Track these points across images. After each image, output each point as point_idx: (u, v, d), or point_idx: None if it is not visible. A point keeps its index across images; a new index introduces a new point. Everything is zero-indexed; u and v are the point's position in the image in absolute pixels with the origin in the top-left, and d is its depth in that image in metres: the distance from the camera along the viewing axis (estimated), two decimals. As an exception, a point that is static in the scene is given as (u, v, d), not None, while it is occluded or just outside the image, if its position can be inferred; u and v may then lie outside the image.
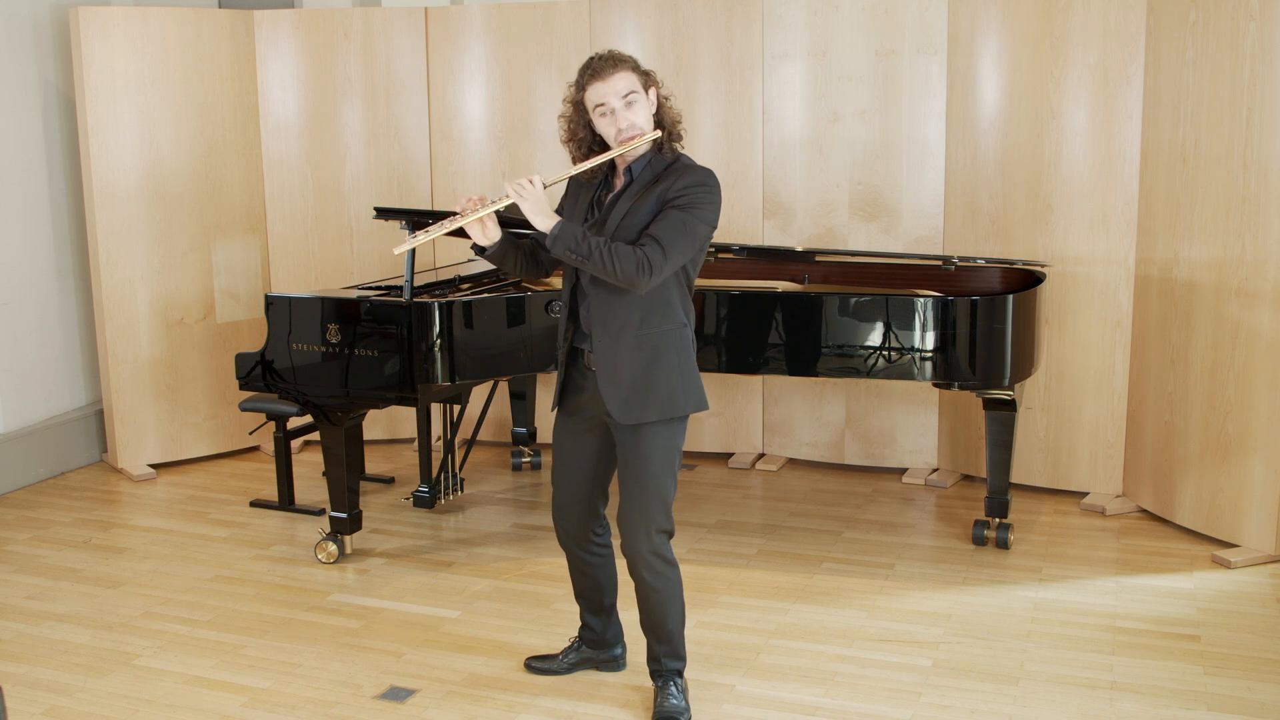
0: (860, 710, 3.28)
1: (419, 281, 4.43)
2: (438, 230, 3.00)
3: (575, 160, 3.08)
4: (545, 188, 2.94)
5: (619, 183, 3.06)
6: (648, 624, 3.23)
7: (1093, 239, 4.77)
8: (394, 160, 5.77)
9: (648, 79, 3.00)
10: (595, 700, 3.35)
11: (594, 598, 3.41)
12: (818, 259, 4.79)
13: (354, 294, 4.33)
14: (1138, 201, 4.68)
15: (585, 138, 3.04)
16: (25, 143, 5.38)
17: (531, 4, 5.54)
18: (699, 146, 5.37)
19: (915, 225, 5.17)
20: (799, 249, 4.77)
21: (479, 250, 3.10)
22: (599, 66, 2.94)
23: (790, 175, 5.33)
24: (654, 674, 3.27)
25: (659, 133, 2.98)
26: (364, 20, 5.65)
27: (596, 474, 3.23)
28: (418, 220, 4.30)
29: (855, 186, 5.24)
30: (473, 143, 5.71)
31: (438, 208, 5.76)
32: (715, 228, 3.01)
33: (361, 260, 5.80)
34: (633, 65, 2.98)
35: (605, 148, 3.02)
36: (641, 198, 2.97)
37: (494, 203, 2.98)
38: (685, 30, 5.33)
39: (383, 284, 4.61)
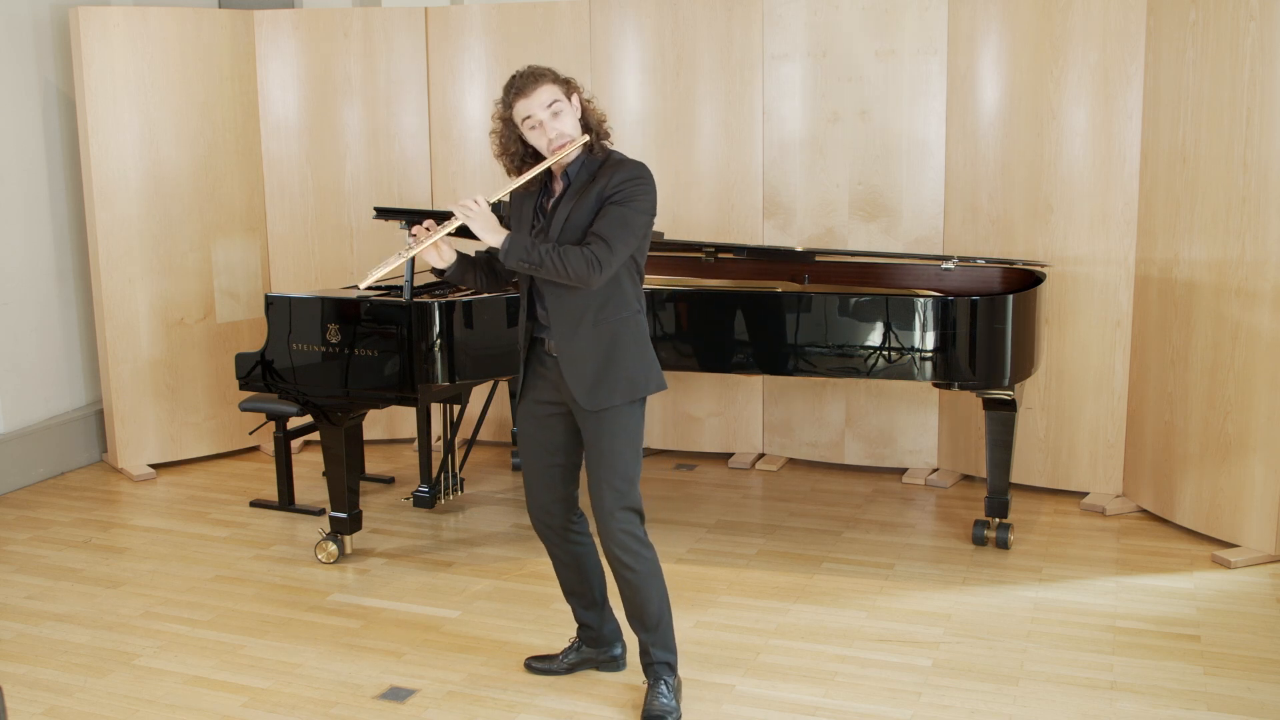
0: (860, 710, 3.28)
1: (419, 281, 4.43)
2: (395, 261, 3.13)
3: (509, 172, 3.21)
4: (490, 205, 3.09)
5: (558, 188, 3.17)
6: (631, 612, 3.25)
7: (1093, 239, 4.78)
8: (394, 160, 5.77)
9: (569, 87, 3.14)
10: (595, 700, 3.35)
11: (583, 592, 3.43)
12: (818, 259, 4.80)
13: (354, 294, 4.33)
14: (1138, 201, 4.68)
15: (518, 151, 3.16)
16: (25, 143, 5.39)
17: (531, 4, 5.54)
18: (699, 147, 5.38)
19: (915, 225, 5.17)
20: (799, 249, 4.77)
21: (439, 273, 3.23)
22: (521, 84, 3.08)
23: (790, 175, 5.33)
24: (645, 669, 3.28)
25: (586, 137, 3.11)
26: (364, 20, 5.65)
27: (566, 459, 3.29)
28: (416, 221, 4.29)
29: (855, 186, 5.24)
30: (473, 143, 5.71)
31: (437, 208, 5.76)
32: (654, 216, 3.14)
33: (361, 260, 5.80)
34: (553, 77, 3.11)
35: (539, 158, 3.14)
36: (580, 198, 3.10)
37: (442, 226, 3.11)
38: (685, 30, 5.33)
39: (383, 284, 4.60)
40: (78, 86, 5.29)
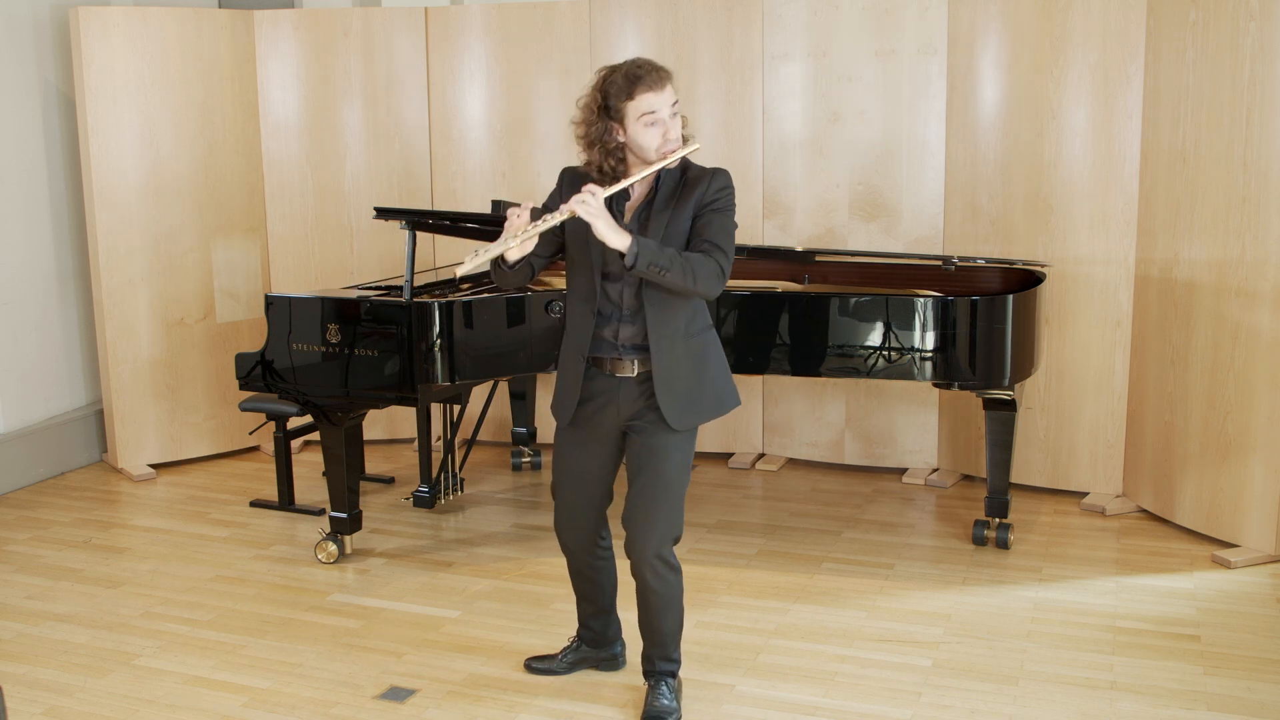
0: (860, 710, 3.28)
1: (419, 281, 4.43)
2: (499, 248, 2.89)
3: (593, 165, 3.00)
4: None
5: (637, 192, 3.04)
6: (644, 624, 3.24)
7: (1093, 239, 4.78)
8: (394, 160, 5.77)
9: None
10: (595, 700, 3.35)
11: (597, 599, 3.42)
12: (818, 259, 4.80)
13: (354, 294, 4.33)
14: (1138, 201, 4.68)
15: (614, 144, 2.95)
16: (25, 143, 5.38)
17: (531, 4, 5.54)
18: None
19: (915, 225, 5.17)
20: (799, 249, 4.77)
21: (503, 264, 2.99)
22: (653, 78, 2.90)
23: (790, 175, 5.33)
24: (646, 674, 3.28)
25: (698, 144, 2.98)
26: (364, 20, 5.65)
27: (605, 483, 3.24)
28: (418, 220, 4.30)
29: (855, 186, 5.24)
30: (473, 143, 5.71)
31: (438, 207, 5.76)
32: None
33: (361, 260, 5.80)
34: (672, 77, 2.97)
35: (622, 158, 2.97)
36: (678, 206, 2.98)
37: (554, 216, 2.89)
38: (685, 30, 5.33)
39: (383, 284, 4.61)
40: (78, 86, 5.29)
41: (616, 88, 2.92)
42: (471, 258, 2.90)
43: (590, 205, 2.81)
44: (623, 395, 3.07)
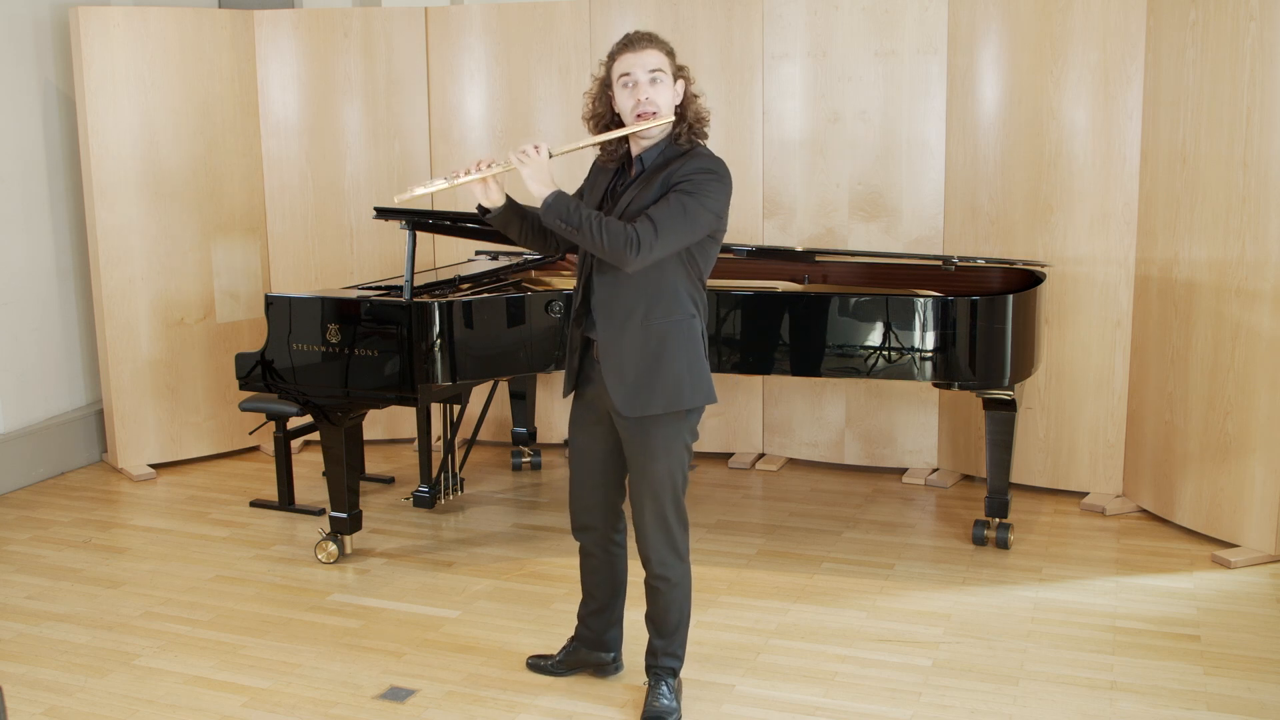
0: (860, 710, 3.28)
1: (419, 281, 4.43)
2: (439, 185, 3.00)
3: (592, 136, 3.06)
4: (551, 157, 2.93)
5: (633, 171, 3.05)
6: (652, 617, 3.24)
7: (1093, 239, 4.78)
8: (394, 160, 5.77)
9: (678, 67, 3.02)
10: (595, 700, 3.35)
11: (601, 596, 3.40)
12: (818, 259, 4.80)
13: (354, 294, 4.33)
14: (1138, 201, 4.68)
15: (604, 114, 3.03)
16: (25, 143, 5.38)
17: (531, 4, 5.54)
18: (699, 146, 5.37)
19: (915, 225, 5.17)
20: (799, 249, 4.77)
21: (483, 212, 3.09)
22: (634, 39, 2.97)
23: (790, 175, 5.33)
24: (649, 669, 3.28)
25: (673, 118, 2.97)
26: (364, 20, 5.65)
27: (611, 466, 3.22)
28: (418, 220, 4.30)
29: (855, 186, 5.24)
30: (473, 143, 5.71)
31: (438, 208, 5.76)
32: (722, 217, 2.98)
33: (361, 260, 5.80)
34: (667, 49, 3.00)
35: (616, 125, 3.02)
36: (648, 183, 2.97)
37: (494, 166, 2.98)
38: (685, 30, 5.33)
39: (383, 284, 4.60)
40: (78, 86, 5.29)
41: (610, 54, 3.01)
42: (416, 187, 3.01)
43: (526, 156, 2.89)
44: (600, 382, 3.09)
